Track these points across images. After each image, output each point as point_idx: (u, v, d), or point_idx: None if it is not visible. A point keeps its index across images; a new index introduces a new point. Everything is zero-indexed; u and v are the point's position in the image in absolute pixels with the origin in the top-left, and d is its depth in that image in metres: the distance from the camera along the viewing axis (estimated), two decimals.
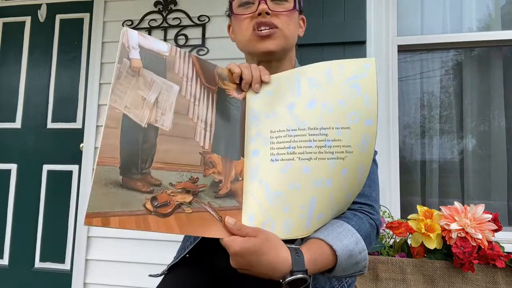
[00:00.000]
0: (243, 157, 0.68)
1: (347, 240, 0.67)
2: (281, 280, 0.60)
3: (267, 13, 0.79)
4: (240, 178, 0.67)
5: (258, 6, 0.79)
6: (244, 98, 0.72)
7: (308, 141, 0.64)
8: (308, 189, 0.64)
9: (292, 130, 0.66)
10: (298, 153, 0.64)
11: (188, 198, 0.61)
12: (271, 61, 0.84)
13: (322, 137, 0.64)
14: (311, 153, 0.64)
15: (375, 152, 0.85)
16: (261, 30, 0.80)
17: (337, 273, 0.67)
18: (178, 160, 0.62)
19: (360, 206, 0.77)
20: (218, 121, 0.67)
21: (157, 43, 0.65)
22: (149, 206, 0.57)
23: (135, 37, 0.63)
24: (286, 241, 0.64)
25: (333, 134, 0.64)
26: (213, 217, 0.62)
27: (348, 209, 0.74)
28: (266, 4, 0.79)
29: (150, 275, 0.92)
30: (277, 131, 0.67)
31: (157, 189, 0.59)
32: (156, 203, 0.58)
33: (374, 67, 0.68)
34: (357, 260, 0.68)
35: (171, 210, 0.59)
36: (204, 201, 0.62)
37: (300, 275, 0.60)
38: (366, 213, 0.76)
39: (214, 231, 0.61)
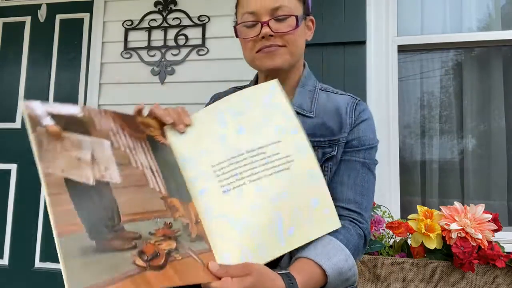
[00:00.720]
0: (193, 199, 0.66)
1: (337, 258, 0.68)
2: None
3: (271, 35, 0.79)
4: (199, 220, 0.65)
5: (261, 29, 0.78)
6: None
7: (251, 162, 0.67)
8: (268, 207, 0.65)
9: (233, 157, 0.68)
10: (247, 177, 0.66)
11: (173, 244, 0.57)
12: (279, 73, 0.83)
13: (261, 156, 0.68)
14: (258, 172, 0.66)
15: (376, 162, 0.86)
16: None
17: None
18: (145, 208, 0.58)
19: (348, 213, 0.77)
20: (161, 166, 0.65)
21: (66, 108, 0.61)
22: (139, 262, 0.52)
23: (39, 107, 0.58)
24: (273, 263, 0.64)
25: (270, 150, 0.68)
26: (197, 261, 0.58)
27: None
28: (269, 26, 0.78)
29: None
30: (219, 163, 0.68)
31: (139, 242, 0.54)
32: (146, 257, 0.53)
33: (278, 87, 0.74)
34: (347, 277, 0.70)
35: (164, 261, 0.54)
36: (185, 246, 0.59)
37: None
38: (355, 221, 0.77)
39: (203, 277, 0.57)
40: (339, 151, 0.81)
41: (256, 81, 0.94)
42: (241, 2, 0.84)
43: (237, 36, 0.84)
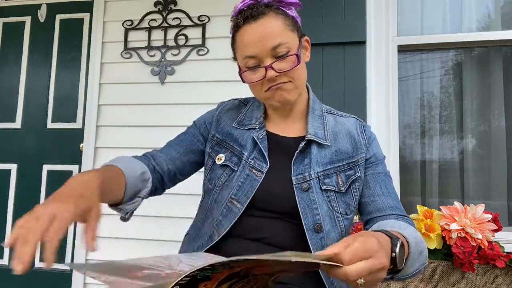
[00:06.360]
0: None
1: (408, 230, 0.71)
2: (394, 253, 0.57)
3: (276, 75, 0.80)
4: None
5: (266, 73, 0.80)
6: None
7: None
8: None
9: None
10: None
11: None
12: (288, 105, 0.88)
13: None
14: None
15: (384, 158, 0.92)
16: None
17: (409, 266, 0.65)
18: None
19: (397, 217, 0.83)
20: None
21: None
22: None
23: None
24: None
25: None
26: None
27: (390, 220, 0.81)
28: (273, 68, 0.79)
29: None
30: None
31: None
32: None
33: None
34: (421, 248, 0.70)
35: None
36: None
37: (401, 240, 0.59)
38: (406, 220, 0.83)
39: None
40: (361, 171, 0.86)
41: (264, 106, 0.94)
42: (239, 45, 0.84)
43: (243, 81, 0.86)
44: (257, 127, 0.89)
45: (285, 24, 0.81)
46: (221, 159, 0.88)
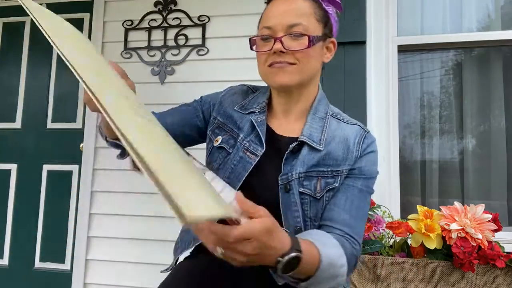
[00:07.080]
0: None
1: (331, 250, 0.68)
2: (280, 258, 0.59)
3: (282, 52, 0.78)
4: None
5: (273, 45, 0.79)
6: None
7: None
8: None
9: None
10: None
11: None
12: (291, 92, 0.84)
13: None
14: None
15: (372, 191, 0.85)
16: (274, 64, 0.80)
17: (313, 282, 0.65)
18: None
19: (343, 234, 0.77)
20: None
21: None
22: None
23: None
24: None
25: None
26: None
27: (334, 233, 0.76)
28: (281, 43, 0.78)
29: (162, 271, 0.90)
30: None
31: None
32: None
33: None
34: (336, 273, 0.68)
35: None
36: None
37: (296, 254, 0.60)
38: (350, 241, 0.77)
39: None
40: (340, 182, 0.81)
41: (270, 94, 0.91)
42: (263, 17, 0.84)
43: (251, 48, 0.85)
44: (257, 111, 0.86)
45: (314, 12, 0.81)
46: (218, 141, 0.87)
